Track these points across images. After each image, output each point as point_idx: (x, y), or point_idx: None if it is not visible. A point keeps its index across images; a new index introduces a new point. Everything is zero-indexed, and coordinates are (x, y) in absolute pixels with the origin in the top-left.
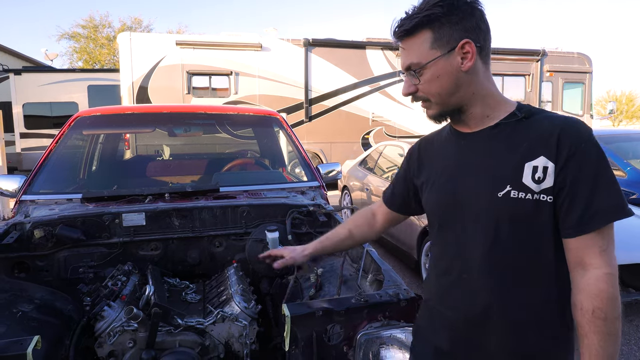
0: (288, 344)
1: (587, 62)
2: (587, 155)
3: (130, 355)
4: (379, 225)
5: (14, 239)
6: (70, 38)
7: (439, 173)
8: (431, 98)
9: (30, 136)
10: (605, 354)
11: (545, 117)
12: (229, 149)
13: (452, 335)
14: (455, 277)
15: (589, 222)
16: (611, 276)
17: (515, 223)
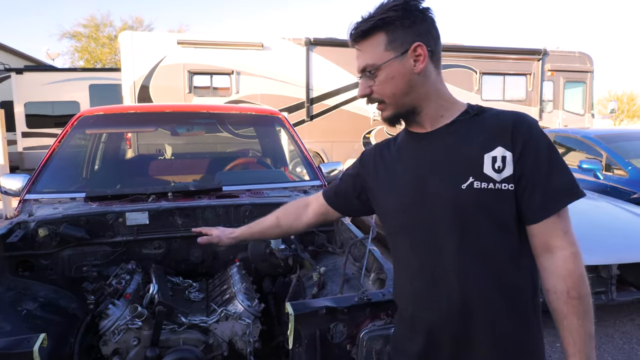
0: (292, 342)
1: (589, 61)
2: (539, 143)
3: (135, 353)
4: (308, 217)
5: (19, 237)
6: (71, 37)
7: (398, 175)
8: (386, 99)
9: (32, 135)
10: (586, 332)
11: (495, 112)
12: (230, 148)
13: (432, 340)
14: (429, 276)
15: (549, 205)
16: (577, 255)
17: (481, 213)
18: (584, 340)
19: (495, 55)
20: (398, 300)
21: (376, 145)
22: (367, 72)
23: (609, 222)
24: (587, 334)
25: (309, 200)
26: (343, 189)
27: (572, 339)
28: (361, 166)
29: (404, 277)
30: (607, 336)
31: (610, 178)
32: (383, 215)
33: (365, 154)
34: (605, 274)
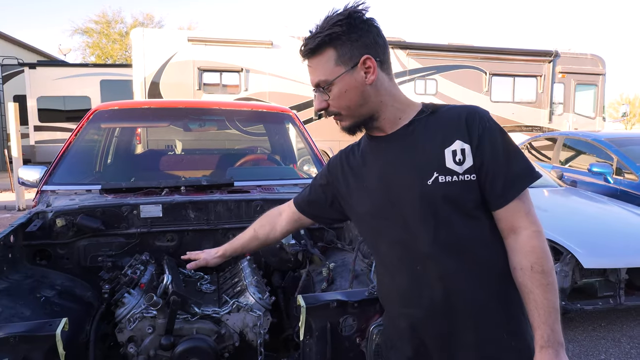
0: (303, 333)
1: (601, 63)
2: (492, 132)
3: (150, 341)
4: (282, 226)
5: (37, 227)
6: (83, 33)
7: (366, 179)
8: (342, 112)
9: (44, 129)
10: (550, 304)
11: (449, 108)
12: (239, 145)
13: (418, 335)
14: (409, 273)
15: (511, 189)
16: (539, 233)
17: (450, 205)
18: (549, 312)
19: (505, 56)
20: (383, 300)
21: (341, 152)
22: (320, 87)
23: (619, 226)
24: (551, 306)
25: (282, 208)
26: (314, 199)
27: (537, 312)
28: (330, 175)
29: (386, 278)
30: (615, 340)
31: (620, 182)
32: (357, 220)
33: (332, 163)
34: (613, 278)
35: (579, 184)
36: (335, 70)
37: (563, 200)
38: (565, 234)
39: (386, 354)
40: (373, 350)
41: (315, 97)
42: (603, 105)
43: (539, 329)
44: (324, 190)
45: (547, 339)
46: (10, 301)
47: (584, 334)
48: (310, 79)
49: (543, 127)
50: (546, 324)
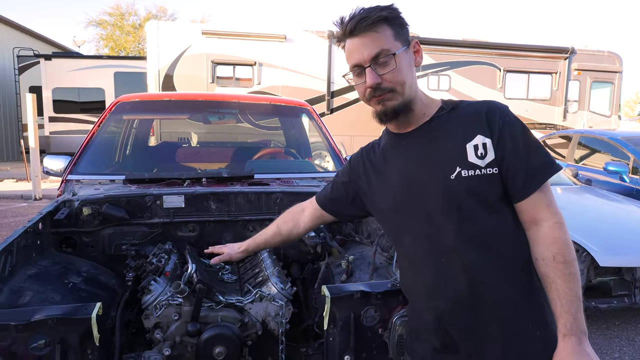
0: (326, 323)
1: (618, 61)
2: (513, 126)
3: (176, 327)
4: (305, 222)
5: (65, 215)
6: (97, 25)
7: (388, 176)
8: (397, 87)
9: (59, 120)
10: (572, 293)
11: (468, 104)
12: (251, 139)
13: (444, 328)
14: (434, 267)
15: (532, 182)
16: (561, 224)
17: (473, 199)
18: (571, 301)
19: (520, 52)
20: (407, 293)
21: (362, 149)
22: (380, 59)
23: (635, 226)
24: (574, 295)
25: (304, 205)
26: (336, 197)
27: (560, 301)
28: (351, 172)
29: (411, 271)
30: (629, 339)
31: (636, 181)
32: (380, 216)
33: (353, 160)
34: (628, 277)
35: (594, 182)
36: (396, 44)
37: (578, 198)
38: (581, 232)
39: (410, 345)
40: (396, 340)
41: (368, 72)
42: (619, 103)
43: (561, 318)
44: (346, 188)
45: (570, 327)
46: (41, 286)
47: (598, 332)
48: (362, 53)
49: (557, 124)
50: (569, 312)
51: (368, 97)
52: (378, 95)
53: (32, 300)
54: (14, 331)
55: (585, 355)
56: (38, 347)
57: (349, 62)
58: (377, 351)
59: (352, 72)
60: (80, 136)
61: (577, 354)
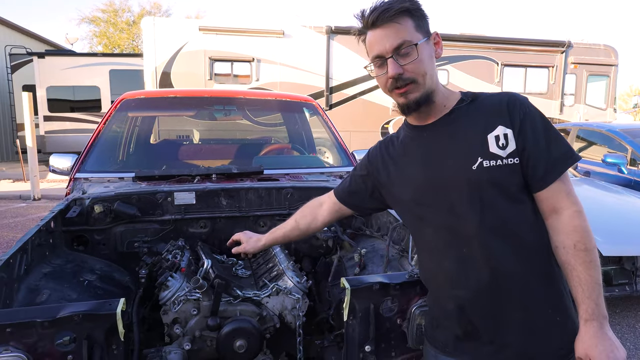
0: (346, 315)
1: (614, 54)
2: (533, 116)
3: (195, 322)
4: (323, 216)
5: (77, 213)
6: (90, 22)
7: (408, 168)
8: (419, 78)
9: (54, 119)
10: (593, 280)
11: (488, 95)
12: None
13: (466, 316)
14: (456, 256)
15: (552, 171)
16: (581, 212)
17: (495, 188)
18: (592, 287)
19: (517, 46)
20: (428, 283)
21: (380, 142)
22: (401, 49)
23: (635, 216)
24: (594, 282)
25: (322, 199)
26: (355, 190)
27: (582, 288)
28: (370, 165)
29: (432, 261)
30: (629, 326)
31: (635, 173)
32: (400, 208)
33: (371, 153)
34: (628, 266)
35: (593, 174)
36: (417, 35)
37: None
38: None
39: (432, 333)
40: (415, 330)
41: (390, 63)
42: (615, 96)
43: (583, 304)
44: (364, 181)
45: (591, 312)
46: (57, 284)
47: None
48: (384, 44)
49: (554, 118)
50: (590, 298)
51: (390, 88)
52: (400, 86)
53: (50, 298)
54: (40, 328)
55: (607, 339)
56: (63, 343)
57: (371, 53)
58: (396, 341)
59: (374, 64)
60: (76, 135)
61: (600, 338)
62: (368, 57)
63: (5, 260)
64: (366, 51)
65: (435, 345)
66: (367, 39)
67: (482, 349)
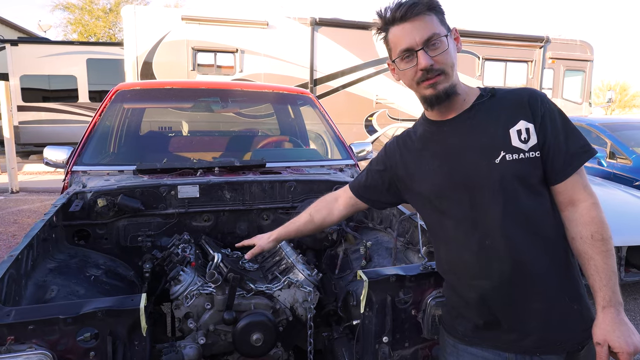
0: (363, 307)
1: (589, 50)
2: (553, 111)
3: (209, 316)
4: (339, 210)
5: (80, 207)
6: (64, 9)
7: (428, 162)
8: (448, 70)
9: (28, 109)
10: (609, 268)
11: (508, 91)
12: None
13: (487, 306)
14: (478, 248)
15: (570, 165)
16: (597, 205)
17: (517, 181)
18: (609, 276)
19: (498, 41)
20: (446, 274)
21: (397, 138)
22: (431, 42)
23: (619, 207)
24: (611, 270)
25: (338, 194)
26: (371, 184)
27: (599, 276)
28: (387, 160)
29: (452, 253)
30: None
31: (614, 166)
32: (420, 202)
33: (389, 148)
34: None
35: None
36: (442, 29)
37: None
38: None
39: (450, 323)
40: (430, 321)
41: (420, 55)
42: (590, 90)
43: (600, 292)
44: (381, 175)
45: (608, 299)
46: (64, 280)
47: None
48: (414, 37)
49: None
50: (607, 286)
51: (419, 80)
52: (430, 77)
53: (59, 294)
54: (63, 324)
55: (623, 324)
56: (85, 340)
57: (398, 47)
58: (410, 332)
59: (400, 58)
60: (52, 126)
61: (617, 323)
62: (390, 54)
63: (15, 256)
64: (387, 48)
65: (454, 335)
66: (391, 34)
67: (503, 337)
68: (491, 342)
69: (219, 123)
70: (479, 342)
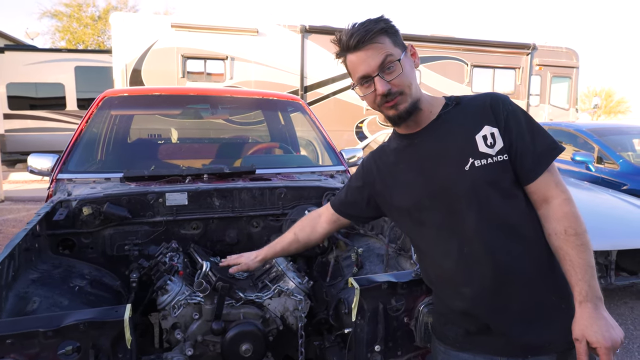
0: (355, 315)
1: (575, 57)
2: (516, 113)
3: (197, 327)
4: (322, 227)
5: (64, 215)
6: (52, 17)
7: (403, 175)
8: (406, 90)
9: (14, 117)
10: (585, 262)
11: (471, 98)
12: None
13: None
14: (457, 256)
15: (539, 164)
16: (570, 200)
17: (489, 186)
18: (585, 270)
19: (486, 48)
20: (431, 284)
21: (372, 153)
22: (386, 66)
23: (608, 211)
24: (586, 264)
25: (320, 211)
26: (351, 200)
27: (574, 271)
28: (365, 175)
29: (434, 263)
30: None
31: (601, 170)
32: (397, 215)
33: (366, 164)
34: (602, 260)
35: (562, 172)
36: (396, 50)
37: None
38: None
39: (440, 329)
40: (423, 328)
41: (377, 81)
42: (576, 97)
43: (577, 286)
44: (360, 192)
45: (585, 294)
46: (47, 291)
47: None
48: (369, 64)
49: None
50: (583, 280)
51: (379, 104)
52: (390, 100)
53: (41, 306)
54: (43, 338)
55: (602, 319)
56: (66, 353)
57: (356, 74)
58: (402, 340)
59: (360, 84)
60: (39, 134)
61: (595, 318)
62: (351, 77)
63: None
64: (348, 72)
65: (445, 342)
66: (348, 61)
67: (493, 341)
68: (482, 347)
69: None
70: (470, 348)
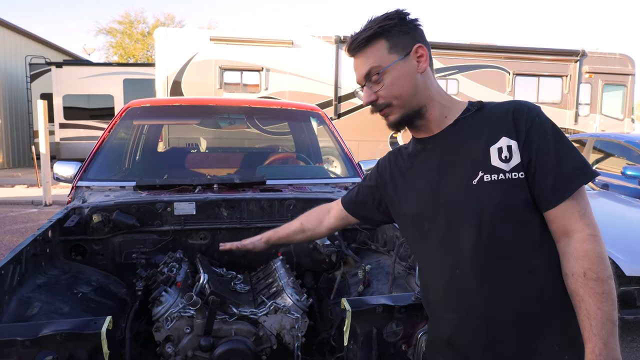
0: (347, 339)
1: (630, 63)
2: (542, 126)
3: (188, 341)
4: (329, 222)
5: (75, 222)
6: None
7: (413, 181)
8: (393, 101)
9: (69, 127)
10: (604, 315)
11: (496, 104)
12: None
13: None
14: (449, 276)
15: (562, 188)
16: (595, 237)
17: (495, 206)
18: (602, 323)
19: (530, 55)
20: (426, 305)
21: (389, 154)
22: (371, 77)
23: None
24: (605, 317)
25: (331, 206)
26: (362, 200)
27: (590, 323)
28: (379, 176)
29: (429, 281)
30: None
31: None
32: (402, 223)
33: (381, 164)
34: None
35: (611, 187)
36: (388, 57)
37: (597, 204)
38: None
39: (431, 358)
40: (422, 357)
41: (364, 91)
42: (632, 106)
43: (590, 342)
44: (372, 192)
45: (598, 353)
46: (49, 297)
47: (623, 344)
48: (358, 73)
49: (568, 128)
50: (598, 336)
51: (373, 112)
52: (377, 111)
53: (41, 311)
54: (21, 347)
55: None
56: None
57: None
58: None
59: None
60: (90, 142)
61: None
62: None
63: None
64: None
65: None
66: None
67: None
68: None
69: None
70: None
